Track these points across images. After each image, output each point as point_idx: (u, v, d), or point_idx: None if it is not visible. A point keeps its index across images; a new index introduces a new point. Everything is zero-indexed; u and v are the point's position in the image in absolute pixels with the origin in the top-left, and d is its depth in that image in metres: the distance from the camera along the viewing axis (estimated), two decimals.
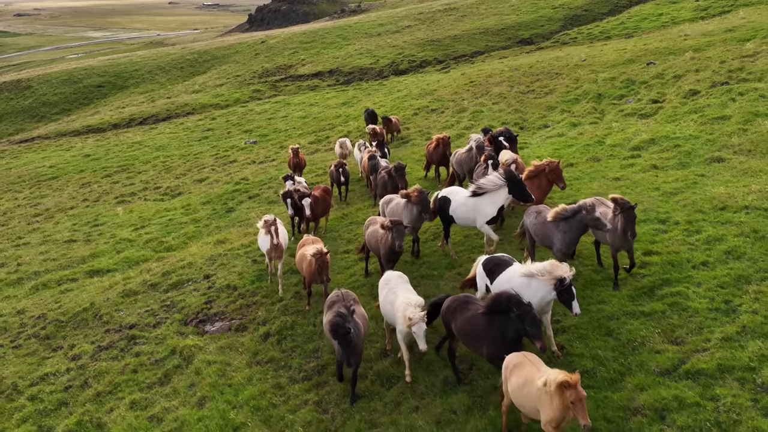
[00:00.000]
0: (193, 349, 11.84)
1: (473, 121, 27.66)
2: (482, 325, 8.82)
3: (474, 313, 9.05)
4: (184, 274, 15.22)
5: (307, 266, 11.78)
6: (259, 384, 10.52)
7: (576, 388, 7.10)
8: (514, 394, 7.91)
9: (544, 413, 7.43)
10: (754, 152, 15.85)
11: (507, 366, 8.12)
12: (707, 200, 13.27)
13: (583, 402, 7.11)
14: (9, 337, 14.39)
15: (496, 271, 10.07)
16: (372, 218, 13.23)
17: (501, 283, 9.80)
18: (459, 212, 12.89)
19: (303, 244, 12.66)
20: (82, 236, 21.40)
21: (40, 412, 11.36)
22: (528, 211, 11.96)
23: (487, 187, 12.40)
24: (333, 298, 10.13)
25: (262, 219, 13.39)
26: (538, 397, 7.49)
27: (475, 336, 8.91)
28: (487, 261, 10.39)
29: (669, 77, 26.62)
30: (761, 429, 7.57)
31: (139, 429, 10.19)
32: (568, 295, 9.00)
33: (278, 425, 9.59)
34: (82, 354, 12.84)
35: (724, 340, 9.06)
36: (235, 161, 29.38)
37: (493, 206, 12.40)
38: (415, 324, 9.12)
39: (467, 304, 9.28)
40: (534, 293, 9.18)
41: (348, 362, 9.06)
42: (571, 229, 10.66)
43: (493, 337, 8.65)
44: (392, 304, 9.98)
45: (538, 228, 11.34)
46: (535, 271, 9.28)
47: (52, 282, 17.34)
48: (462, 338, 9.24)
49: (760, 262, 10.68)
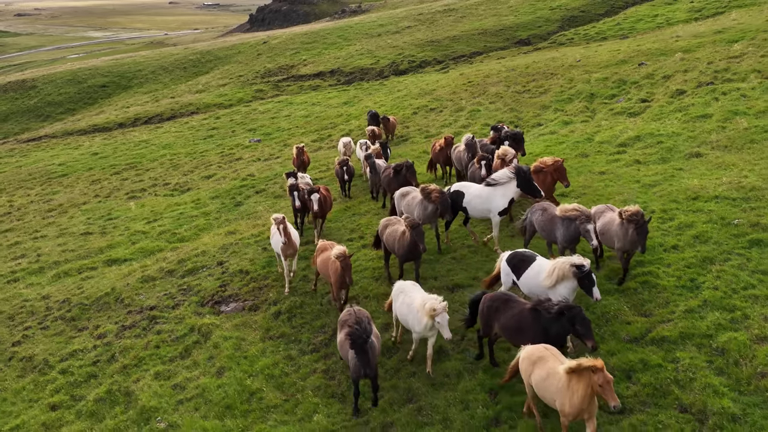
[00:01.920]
0: (210, 327, 12.98)
1: (470, 119, 28.71)
2: (528, 322, 9.15)
3: (519, 310, 9.39)
4: (199, 262, 16.35)
5: (333, 270, 11.79)
6: (272, 356, 11.66)
7: (603, 372, 7.44)
8: (537, 385, 8.26)
9: (564, 403, 7.76)
10: (730, 148, 16.98)
11: (530, 359, 8.48)
12: (682, 191, 14.41)
13: (611, 384, 7.42)
14: (36, 319, 15.51)
15: (522, 267, 10.51)
16: (388, 219, 13.42)
17: (528, 279, 10.35)
18: (473, 204, 13.62)
19: (323, 249, 12.68)
20: (98, 229, 22.49)
21: (71, 383, 12.48)
22: (533, 207, 12.63)
23: (499, 180, 13.26)
24: (345, 317, 10.13)
25: (272, 218, 13.68)
26: (560, 388, 7.83)
27: (520, 332, 9.22)
28: (511, 257, 10.80)
29: (659, 77, 27.69)
30: (713, 384, 8.73)
31: (164, 396, 11.31)
32: (588, 281, 9.57)
33: (290, 390, 10.74)
34: (107, 333, 13.96)
35: (687, 312, 10.21)
36: (240, 158, 30.43)
37: (504, 198, 13.22)
38: (439, 314, 9.48)
39: (509, 302, 9.64)
40: (565, 288, 9.77)
41: (365, 372, 9.08)
42: (569, 228, 11.43)
43: (539, 335, 8.91)
44: (409, 306, 10.25)
45: (545, 224, 12.05)
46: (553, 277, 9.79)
47: (72, 270, 18.44)
48: (505, 333, 9.58)
49: (724, 245, 11.83)
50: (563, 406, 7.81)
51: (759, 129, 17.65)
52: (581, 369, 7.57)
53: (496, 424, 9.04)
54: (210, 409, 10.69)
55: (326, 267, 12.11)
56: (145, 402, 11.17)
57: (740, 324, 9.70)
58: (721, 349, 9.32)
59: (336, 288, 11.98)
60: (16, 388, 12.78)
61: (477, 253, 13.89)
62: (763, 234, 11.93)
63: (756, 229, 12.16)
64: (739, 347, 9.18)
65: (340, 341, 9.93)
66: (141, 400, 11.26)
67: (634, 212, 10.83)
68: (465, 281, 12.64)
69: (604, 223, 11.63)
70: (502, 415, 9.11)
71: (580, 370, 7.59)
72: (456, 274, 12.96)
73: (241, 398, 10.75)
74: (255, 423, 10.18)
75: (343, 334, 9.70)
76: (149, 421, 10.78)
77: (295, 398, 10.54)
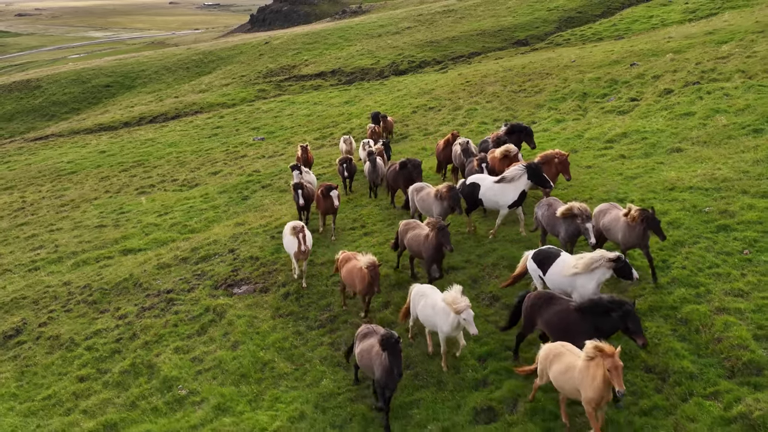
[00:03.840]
0: (224, 307, 14.10)
1: (467, 118, 29.75)
2: (574, 320, 9.43)
3: (563, 308, 9.67)
4: (211, 250, 17.47)
5: (360, 278, 12.00)
6: (282, 331, 12.80)
7: (614, 357, 7.81)
8: (556, 379, 8.70)
9: (586, 392, 8.11)
10: (709, 143, 18.10)
11: (547, 356, 8.90)
12: (660, 182, 15.56)
13: (620, 370, 7.80)
14: (60, 303, 16.62)
15: (547, 263, 10.95)
16: (407, 222, 13.59)
17: (554, 274, 10.80)
18: (487, 195, 14.55)
19: (346, 259, 12.76)
20: (111, 222, 23.59)
21: (97, 358, 13.60)
22: (540, 203, 13.42)
23: (511, 176, 14.19)
24: (365, 330, 10.35)
25: (290, 225, 14.14)
26: (580, 379, 8.22)
27: (566, 330, 9.49)
28: (536, 254, 11.24)
29: (649, 77, 28.73)
30: (675, 348, 9.91)
31: (184, 367, 12.43)
32: (627, 267, 10.21)
33: (299, 360, 11.87)
34: (128, 314, 15.08)
35: (657, 288, 11.35)
36: (245, 156, 31.49)
37: (515, 191, 14.19)
38: (463, 310, 9.82)
39: (553, 299, 9.93)
40: (590, 280, 10.34)
41: (398, 373, 9.14)
42: (571, 225, 12.10)
43: (585, 331, 9.13)
44: (433, 308, 10.51)
45: (549, 219, 12.78)
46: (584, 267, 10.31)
47: (90, 259, 19.55)
48: (549, 330, 9.84)
49: (694, 230, 12.99)
50: (586, 392, 8.14)
51: (737, 126, 18.77)
52: (597, 354, 7.96)
53: (484, 385, 10.19)
54: (227, 377, 11.81)
55: (352, 276, 12.29)
56: (167, 372, 12.30)
57: (703, 298, 10.85)
58: (685, 319, 10.47)
59: (362, 296, 12.30)
60: (45, 363, 13.89)
61: (469, 239, 15.01)
62: (729, 220, 13.09)
63: (724, 215, 13.34)
64: (701, 317, 10.34)
65: (362, 351, 10.03)
66: (163, 371, 12.38)
67: (641, 210, 11.32)
68: (459, 264, 13.77)
69: (609, 220, 12.12)
70: (490, 377, 10.26)
71: (597, 356, 7.98)
72: (450, 257, 14.02)
73: (254, 368, 11.88)
74: (268, 389, 11.31)
75: (369, 340, 9.92)
76: (171, 389, 11.90)
77: (303, 367, 11.67)
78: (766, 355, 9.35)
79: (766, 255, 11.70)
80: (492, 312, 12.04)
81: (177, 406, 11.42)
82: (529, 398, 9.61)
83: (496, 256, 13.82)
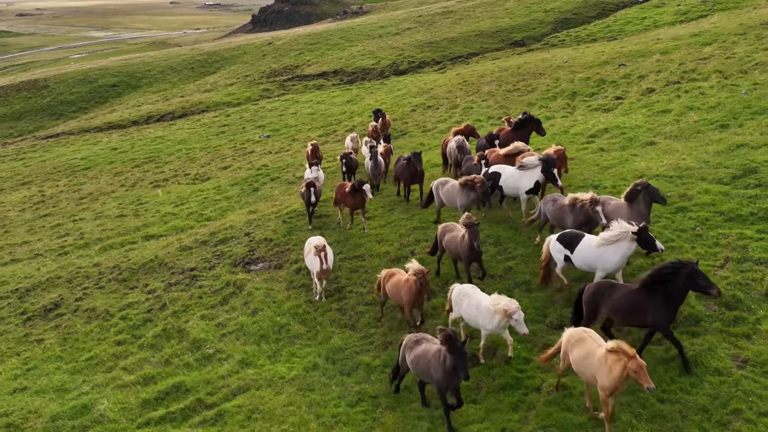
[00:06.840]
0: (243, 281, 15.92)
1: (464, 116, 31.41)
2: (641, 298, 9.72)
3: (628, 291, 10.00)
4: (228, 234, 19.28)
5: (406, 290, 12.08)
6: (295, 300, 14.64)
7: (636, 358, 8.16)
8: (576, 364, 9.13)
9: (602, 380, 8.53)
10: (680, 137, 19.90)
11: (569, 340, 9.38)
12: (631, 171, 17.36)
13: (644, 369, 8.14)
14: (92, 281, 18.42)
15: (574, 243, 11.85)
16: (445, 225, 14.04)
17: (583, 250, 11.72)
18: (507, 183, 15.96)
19: (390, 275, 12.81)
20: (131, 212, 25.39)
21: (131, 326, 15.41)
22: (545, 199, 14.42)
23: (529, 164, 15.69)
24: (414, 338, 10.66)
25: (311, 243, 14.32)
26: (597, 367, 8.62)
27: (635, 309, 9.80)
28: (562, 236, 12.15)
29: (635, 77, 30.38)
30: None
31: (210, 331, 14.25)
32: (650, 238, 10.90)
33: (311, 323, 13.71)
34: (156, 289, 16.89)
35: None
36: (253, 152, 33.17)
37: (531, 180, 15.66)
38: (514, 312, 10.44)
39: (614, 286, 10.31)
40: (616, 254, 11.28)
41: (465, 375, 9.38)
42: (578, 216, 13.18)
43: (657, 305, 9.44)
44: (477, 308, 11.00)
45: (556, 213, 13.82)
46: (610, 238, 11.11)
47: (116, 244, 21.36)
48: (616, 315, 10.15)
49: (656, 211, 14.66)
50: (603, 380, 8.57)
51: (706, 122, 20.56)
52: (618, 350, 8.43)
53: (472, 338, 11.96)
54: (248, 338, 13.63)
55: (398, 290, 12.34)
56: (196, 335, 14.11)
57: None
58: None
59: (409, 307, 12.18)
60: (84, 331, 15.70)
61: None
62: (687, 203, 14.93)
63: (683, 199, 15.18)
64: None
65: (416, 357, 10.27)
66: (192, 335, 14.20)
67: (639, 182, 12.51)
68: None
69: (611, 209, 13.11)
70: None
71: (618, 351, 8.44)
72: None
73: (272, 330, 13.70)
74: (284, 347, 13.13)
75: (422, 346, 10.26)
76: (200, 349, 13.71)
77: (315, 329, 13.50)
78: (703, 310, 11.17)
79: (714, 231, 13.52)
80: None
81: (206, 362, 13.23)
82: (554, 387, 10.14)
83: (482, 234, 15.49)
